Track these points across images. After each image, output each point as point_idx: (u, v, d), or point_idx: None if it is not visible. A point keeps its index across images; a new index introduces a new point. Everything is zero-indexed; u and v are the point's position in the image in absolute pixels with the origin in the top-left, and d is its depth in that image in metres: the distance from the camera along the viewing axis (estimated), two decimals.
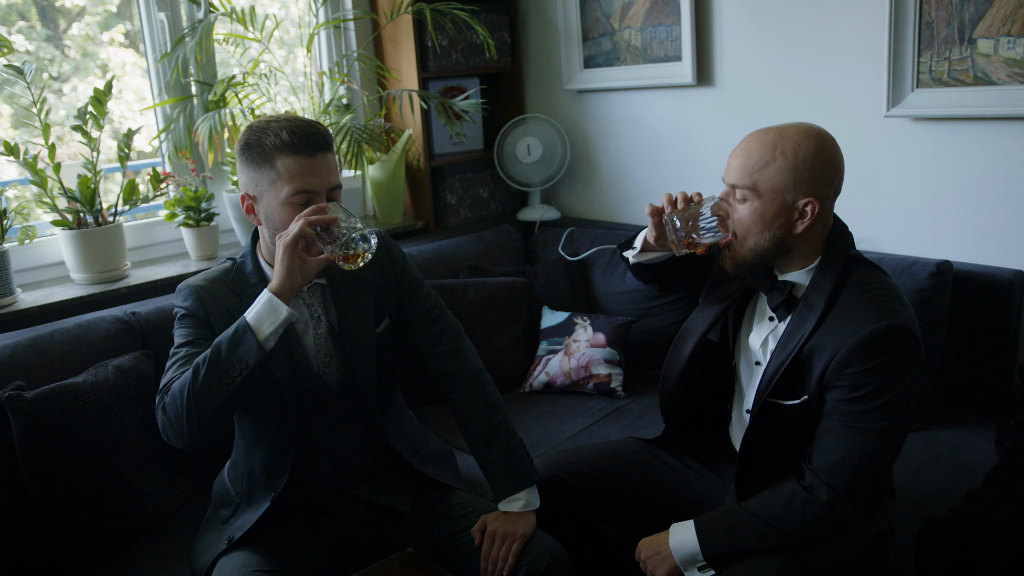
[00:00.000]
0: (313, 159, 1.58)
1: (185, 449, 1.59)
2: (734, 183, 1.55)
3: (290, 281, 1.53)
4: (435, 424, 2.30)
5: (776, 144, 1.51)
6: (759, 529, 1.51)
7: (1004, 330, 2.22)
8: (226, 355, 1.50)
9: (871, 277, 1.54)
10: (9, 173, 2.53)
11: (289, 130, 1.56)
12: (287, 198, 1.57)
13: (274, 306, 1.52)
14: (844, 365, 1.46)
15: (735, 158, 1.56)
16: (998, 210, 2.28)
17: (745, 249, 1.56)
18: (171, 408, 1.54)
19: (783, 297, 1.58)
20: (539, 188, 3.33)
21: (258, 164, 1.59)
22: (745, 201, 1.54)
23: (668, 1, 2.83)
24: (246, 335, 1.50)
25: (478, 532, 1.71)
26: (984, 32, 2.16)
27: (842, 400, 1.47)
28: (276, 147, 1.56)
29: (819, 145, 1.52)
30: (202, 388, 1.50)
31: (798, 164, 1.50)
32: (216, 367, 1.50)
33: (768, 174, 1.51)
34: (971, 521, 1.65)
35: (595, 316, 2.72)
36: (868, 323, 1.44)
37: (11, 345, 1.98)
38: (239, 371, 1.50)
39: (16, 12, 2.52)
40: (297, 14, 2.88)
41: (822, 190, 1.53)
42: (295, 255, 1.52)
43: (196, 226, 2.61)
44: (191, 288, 1.67)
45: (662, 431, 1.89)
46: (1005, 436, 2.03)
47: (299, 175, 1.57)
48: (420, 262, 2.80)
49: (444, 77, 3.19)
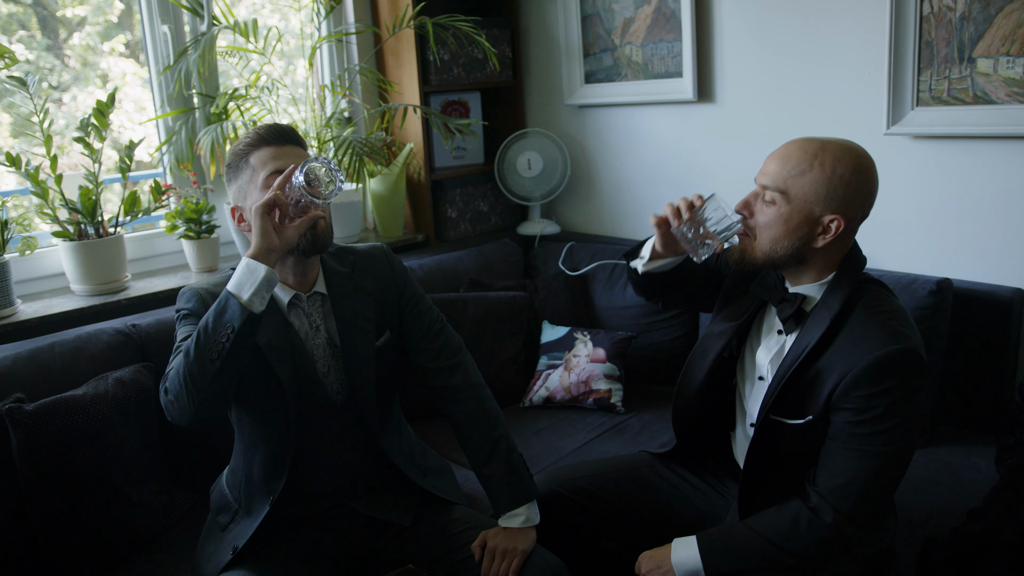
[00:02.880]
0: (282, 147, 1.67)
1: (189, 426, 1.57)
2: (766, 184, 1.55)
3: (265, 241, 1.52)
4: (435, 439, 2.30)
5: (817, 154, 1.51)
6: (763, 548, 1.51)
7: (1004, 348, 2.22)
8: (213, 324, 1.50)
9: (881, 298, 1.54)
10: (9, 183, 2.53)
11: (257, 130, 1.69)
12: (264, 181, 1.64)
13: (251, 268, 1.51)
14: (853, 388, 1.46)
15: (772, 161, 1.56)
16: (998, 228, 2.29)
17: (758, 251, 1.56)
18: (172, 387, 1.55)
19: (794, 309, 1.58)
20: (539, 202, 3.33)
21: (238, 170, 1.68)
22: (773, 204, 1.54)
23: (669, 18, 2.84)
24: (228, 300, 1.50)
25: (478, 548, 1.70)
26: (984, 52, 2.18)
27: (849, 423, 1.47)
28: (249, 145, 1.67)
29: (858, 164, 1.52)
30: (195, 360, 1.50)
31: (833, 179, 1.50)
32: (205, 337, 1.50)
33: (802, 182, 1.51)
34: (972, 541, 1.65)
35: (595, 331, 2.72)
36: (878, 346, 1.44)
37: (11, 357, 1.97)
38: (226, 336, 1.49)
39: (17, 21, 2.52)
40: (298, 26, 2.89)
41: (851, 210, 1.52)
42: (267, 218, 1.53)
43: (197, 238, 2.61)
44: (194, 291, 1.69)
45: (673, 446, 1.88)
46: (1005, 454, 2.03)
47: (271, 160, 1.65)
48: (420, 276, 2.80)
49: (445, 91, 3.20)
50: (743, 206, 1.59)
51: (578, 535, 1.84)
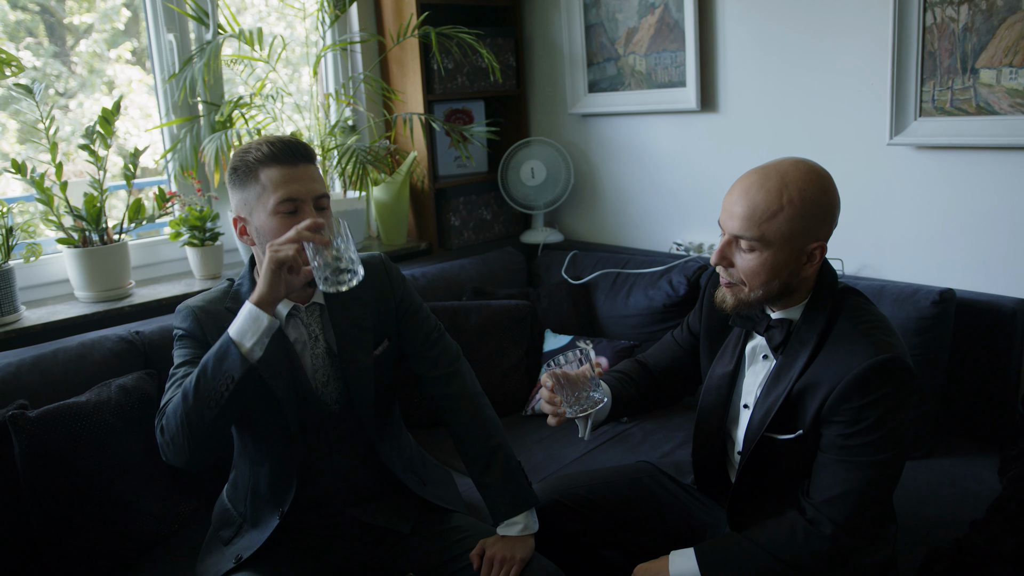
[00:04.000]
0: (295, 168, 1.60)
1: (185, 468, 1.59)
2: (739, 234, 1.49)
3: (272, 293, 1.52)
4: (435, 446, 2.30)
5: (781, 191, 1.46)
6: (761, 560, 1.50)
7: (1007, 359, 2.22)
8: (212, 371, 1.51)
9: (861, 308, 1.54)
10: (15, 190, 2.54)
11: (268, 143, 1.61)
12: (274, 207, 1.59)
13: (255, 316, 1.51)
14: (842, 400, 1.45)
15: (736, 206, 1.49)
16: (1001, 239, 2.29)
17: (752, 296, 1.53)
18: (168, 429, 1.55)
19: (784, 335, 1.56)
20: (543, 211, 3.34)
21: (244, 182, 1.62)
22: (752, 251, 1.49)
23: (673, 27, 2.85)
24: (230, 349, 1.51)
25: (477, 556, 1.70)
26: (986, 62, 2.18)
27: (840, 435, 1.47)
28: (259, 160, 1.60)
29: (820, 184, 1.48)
30: (194, 406, 1.51)
31: (807, 209, 1.46)
32: (204, 384, 1.51)
33: (777, 224, 1.46)
34: (975, 552, 1.65)
35: (598, 339, 2.72)
36: (864, 358, 1.44)
37: (15, 363, 1.98)
38: (226, 386, 1.50)
39: (24, 28, 2.54)
40: (304, 34, 2.91)
41: (826, 230, 1.51)
42: (278, 272, 1.52)
43: (201, 245, 2.62)
44: (189, 309, 1.68)
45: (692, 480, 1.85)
46: (1008, 465, 2.03)
47: (283, 183, 1.59)
48: (423, 284, 2.81)
49: (449, 100, 3.21)
50: (719, 257, 1.54)
51: (579, 544, 1.84)
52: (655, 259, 2.89)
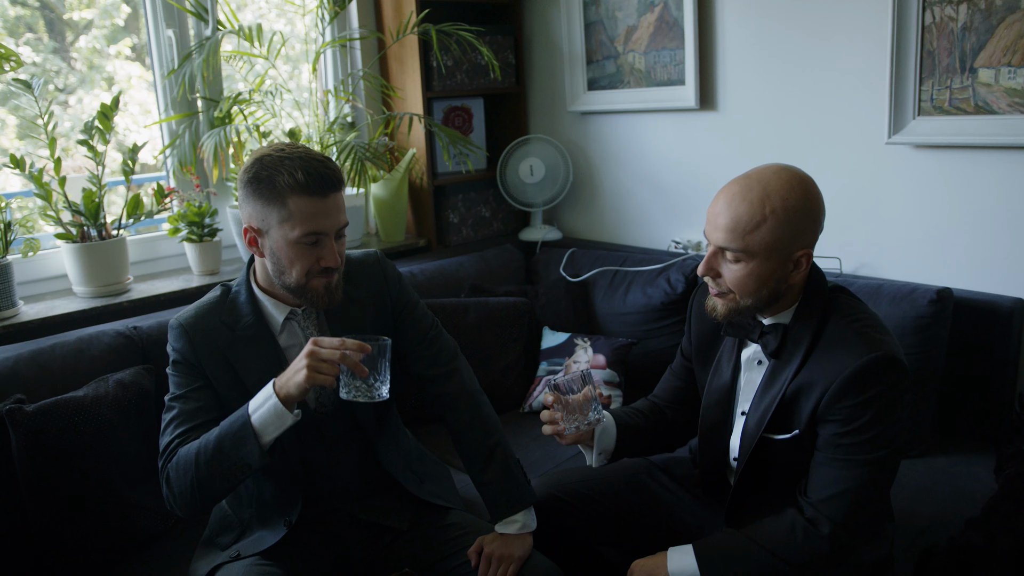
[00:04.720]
0: (325, 200, 1.55)
1: (185, 517, 1.64)
2: (723, 246, 1.50)
3: (300, 396, 1.53)
4: (434, 443, 2.30)
5: (764, 201, 1.46)
6: (760, 557, 1.50)
7: (1004, 358, 2.22)
8: (229, 451, 1.52)
9: (852, 307, 1.54)
10: (14, 185, 2.54)
11: (304, 170, 1.53)
12: (298, 238, 1.55)
13: (279, 413, 1.52)
14: (837, 399, 1.46)
15: (720, 217, 1.50)
16: (999, 238, 2.29)
17: (742, 305, 1.53)
18: (176, 485, 1.56)
19: (779, 341, 1.56)
20: (541, 208, 3.34)
21: (268, 200, 1.55)
22: (738, 262, 1.50)
23: (672, 26, 2.85)
24: (249, 438, 1.51)
25: (474, 554, 1.70)
26: (985, 62, 2.18)
27: (836, 434, 1.47)
28: (290, 187, 1.53)
29: (804, 192, 1.48)
30: (207, 478, 1.53)
31: (791, 219, 1.46)
32: (219, 460, 1.52)
33: (761, 235, 1.46)
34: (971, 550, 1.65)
35: (596, 337, 2.72)
36: (858, 356, 1.44)
37: (12, 358, 1.98)
38: (242, 471, 1.53)
39: (24, 24, 2.54)
40: (303, 30, 2.91)
41: (812, 236, 1.51)
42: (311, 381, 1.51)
43: (199, 241, 2.62)
44: (181, 328, 1.66)
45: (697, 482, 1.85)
46: (1004, 464, 2.03)
47: (312, 218, 1.54)
48: (421, 280, 2.81)
49: (449, 97, 3.21)
50: (707, 269, 1.55)
51: (576, 541, 1.84)
52: (653, 257, 2.89)
